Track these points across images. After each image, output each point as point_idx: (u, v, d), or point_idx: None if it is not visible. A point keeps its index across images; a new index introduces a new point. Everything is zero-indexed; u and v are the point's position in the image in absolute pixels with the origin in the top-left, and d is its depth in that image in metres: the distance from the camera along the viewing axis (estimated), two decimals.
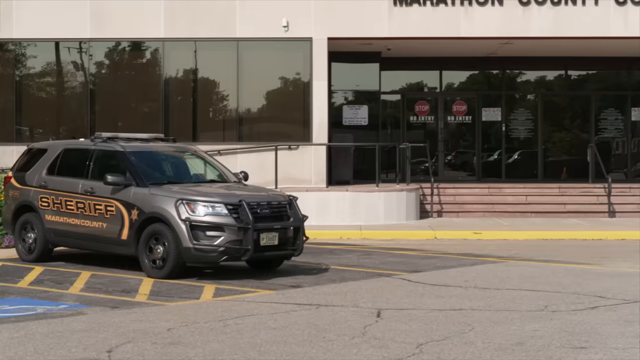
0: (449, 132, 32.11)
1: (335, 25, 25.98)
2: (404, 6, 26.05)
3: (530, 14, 26.10)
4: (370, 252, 19.28)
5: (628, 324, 11.42)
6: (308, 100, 26.22)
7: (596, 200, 27.16)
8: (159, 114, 26.44)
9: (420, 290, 14.05)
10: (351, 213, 24.57)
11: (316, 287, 14.42)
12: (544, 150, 31.70)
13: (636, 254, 19.24)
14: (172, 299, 13.32)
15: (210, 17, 26.00)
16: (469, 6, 26.08)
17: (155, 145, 17.52)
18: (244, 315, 11.91)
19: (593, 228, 23.72)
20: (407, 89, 32.05)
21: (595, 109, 31.63)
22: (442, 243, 21.50)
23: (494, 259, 18.23)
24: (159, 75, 26.63)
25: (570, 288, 14.19)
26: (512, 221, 25.41)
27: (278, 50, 26.43)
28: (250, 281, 14.97)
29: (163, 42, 26.30)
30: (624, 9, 26.07)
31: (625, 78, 32.02)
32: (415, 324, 11.34)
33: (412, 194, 25.87)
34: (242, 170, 17.95)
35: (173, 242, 15.02)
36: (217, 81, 26.98)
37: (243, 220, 15.07)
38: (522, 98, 32.58)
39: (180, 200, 15.16)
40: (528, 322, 11.51)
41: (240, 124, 26.54)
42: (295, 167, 25.84)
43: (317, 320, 11.56)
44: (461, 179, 31.22)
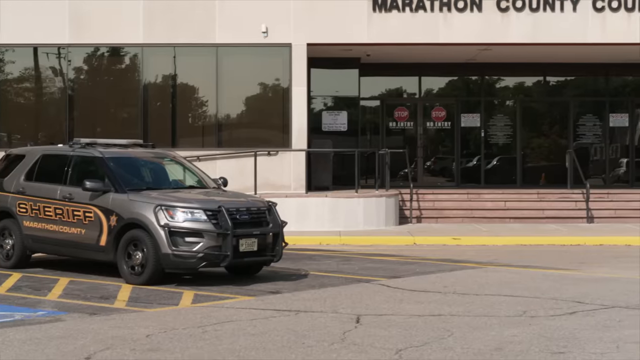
0: (428, 138, 32.16)
1: (314, 31, 25.99)
2: (383, 12, 26.09)
3: (508, 20, 26.19)
4: (349, 258, 19.28)
5: (606, 329, 11.46)
6: (287, 106, 26.22)
7: (574, 205, 27.25)
8: (138, 119, 26.37)
9: (399, 296, 14.05)
10: (330, 219, 24.57)
11: (295, 293, 14.41)
12: (523, 156, 31.79)
13: (614, 260, 19.33)
14: (151, 305, 13.27)
15: (189, 22, 25.96)
16: (448, 12, 26.13)
17: (134, 151, 17.48)
18: (223, 321, 11.89)
19: (571, 234, 23.80)
20: (386, 94, 32.09)
21: (573, 115, 31.75)
22: (421, 249, 21.52)
23: (473, 264, 18.26)
24: (137, 80, 26.57)
25: (548, 293, 14.23)
26: (491, 227, 25.47)
27: (257, 56, 26.41)
28: (229, 287, 14.95)
29: (142, 48, 26.24)
30: (602, 15, 26.19)
31: (603, 84, 32.16)
32: (394, 330, 11.34)
33: (392, 200, 25.90)
34: (221, 176, 17.93)
35: (152, 248, 14.97)
36: (196, 87, 26.94)
37: (222, 226, 15.04)
38: (501, 104, 32.67)
39: (159, 206, 15.13)
40: (507, 327, 11.53)
41: (219, 130, 26.50)
42: (275, 173, 25.82)
43: (296, 326, 11.55)
44: (440, 184, 31.26)
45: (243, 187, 23.41)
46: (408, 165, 29.28)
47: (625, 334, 11.17)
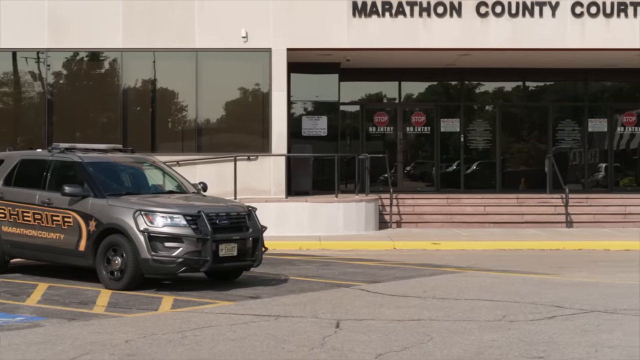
0: (408, 142, 32.21)
1: (294, 36, 26.00)
2: (363, 17, 26.12)
3: (488, 26, 26.27)
4: (329, 263, 19.28)
5: (585, 333, 11.50)
6: (267, 111, 26.21)
7: (554, 210, 27.34)
8: (118, 124, 26.31)
9: (379, 301, 14.06)
10: (310, 224, 24.56)
11: (275, 298, 14.40)
12: (502, 161, 31.88)
13: (593, 264, 19.40)
14: (130, 310, 13.24)
15: (168, 27, 25.93)
16: (428, 17, 26.20)
17: (114, 156, 17.44)
18: (203, 326, 11.87)
19: (550, 238, 23.88)
20: (366, 99, 32.12)
21: (552, 120, 31.86)
22: (401, 253, 21.54)
23: (452, 269, 18.29)
24: (117, 85, 26.51)
25: (528, 298, 14.26)
26: (471, 231, 25.52)
27: (237, 61, 26.40)
28: (209, 292, 14.92)
29: (121, 53, 26.19)
30: (581, 21, 26.31)
31: (582, 89, 32.30)
32: (374, 335, 11.35)
33: (371, 205, 25.92)
34: (201, 181, 17.91)
35: (131, 253, 14.94)
36: (176, 91, 26.91)
37: (202, 231, 15.02)
38: (480, 109, 32.76)
39: (138, 211, 15.09)
40: (486, 332, 11.55)
41: (199, 135, 26.47)
42: (255, 177, 25.80)
43: (276, 331, 11.54)
44: (420, 189, 31.31)
45: (223, 192, 23.39)
46: (388, 170, 29.29)
47: (603, 338, 11.21)
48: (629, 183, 32.02)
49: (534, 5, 26.26)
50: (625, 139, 32.40)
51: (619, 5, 26.32)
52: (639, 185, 31.73)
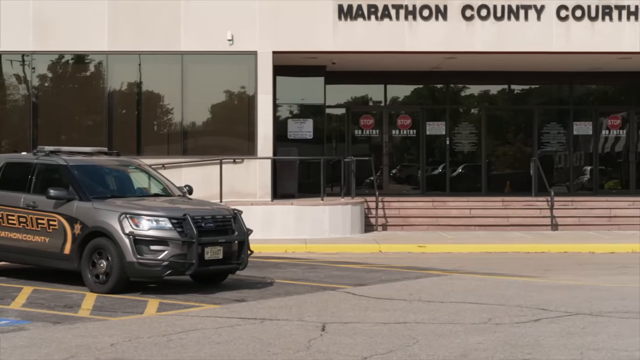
0: (394, 145, 32.23)
1: (280, 38, 26.00)
2: (349, 20, 26.14)
3: (473, 29, 26.31)
4: (315, 266, 19.27)
5: (570, 336, 11.52)
6: (253, 114, 26.20)
7: (539, 213, 27.40)
8: (103, 127, 26.26)
9: (364, 304, 14.06)
10: (296, 227, 24.56)
11: (261, 301, 14.38)
12: (488, 164, 31.93)
13: (578, 267, 19.46)
14: (116, 313, 13.20)
15: (154, 30, 25.89)
16: (414, 21, 26.23)
17: (99, 159, 17.40)
18: (188, 329, 11.85)
19: (536, 241, 23.93)
20: (352, 102, 32.13)
21: (538, 123, 31.93)
22: (387, 256, 21.55)
23: (438, 272, 18.30)
24: (102, 88, 26.46)
25: (513, 301, 14.29)
26: (456, 234, 25.55)
27: (223, 64, 26.39)
28: (194, 295, 14.90)
29: (107, 55, 26.14)
30: (566, 24, 26.38)
31: (567, 92, 32.38)
32: (359, 338, 11.35)
33: (357, 208, 25.93)
34: (187, 184, 17.88)
35: (116, 257, 14.91)
36: (162, 94, 26.86)
37: (187, 234, 15.00)
38: (466, 112, 32.81)
39: (123, 214, 15.07)
40: (472, 334, 11.57)
41: (184, 138, 26.43)
42: (240, 180, 25.78)
43: (261, 335, 11.53)
44: (406, 192, 31.33)
45: (208, 195, 23.36)
46: (374, 173, 29.32)
47: (588, 340, 11.24)
48: (613, 186, 32.12)
49: (519, 9, 26.32)
50: (610, 142, 32.50)
51: (604, 9, 26.41)
52: (623, 189, 31.82)
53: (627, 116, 32.20)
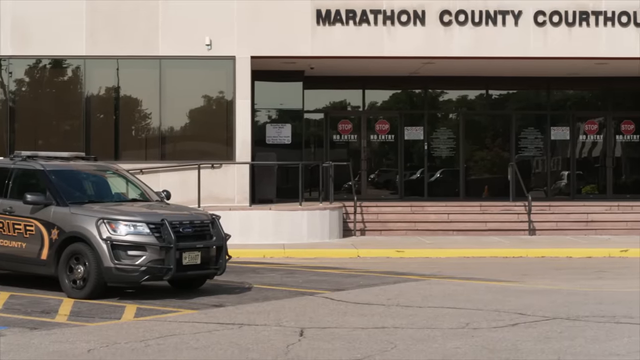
0: (372, 150, 32.26)
1: (258, 43, 25.99)
2: (327, 25, 26.15)
3: (451, 34, 26.38)
4: (293, 271, 19.26)
5: (547, 340, 11.56)
6: (231, 119, 26.17)
7: (517, 218, 27.47)
8: (80, 132, 26.17)
9: (343, 309, 14.07)
10: (274, 232, 24.53)
11: (239, 306, 14.37)
12: (466, 169, 32.01)
13: (555, 271, 19.52)
14: (93, 319, 13.16)
15: (132, 35, 25.83)
16: (392, 26, 26.27)
17: (76, 163, 17.33)
18: (166, 335, 11.82)
19: (514, 246, 23.99)
20: (330, 107, 32.14)
21: (515, 128, 32.03)
22: (365, 261, 21.56)
23: (416, 277, 18.33)
24: (80, 93, 26.37)
25: (491, 305, 14.32)
26: (435, 239, 25.58)
27: (201, 69, 26.35)
28: (172, 301, 14.86)
29: (85, 60, 26.06)
30: (543, 29, 26.48)
31: (544, 98, 32.49)
32: (338, 343, 11.35)
33: (335, 213, 25.93)
34: (165, 189, 17.85)
35: (94, 262, 14.86)
36: (140, 99, 26.79)
37: (165, 239, 14.97)
38: (444, 117, 32.88)
39: (101, 219, 15.02)
40: (450, 339, 11.59)
41: (162, 143, 26.37)
42: (219, 185, 25.75)
43: (239, 340, 11.51)
44: (384, 197, 31.36)
45: (186, 200, 23.32)
46: (352, 178, 29.34)
47: (565, 344, 11.28)
48: (591, 191, 32.25)
49: (497, 14, 26.40)
50: (587, 147, 32.64)
51: (581, 15, 26.52)
52: (600, 193, 31.94)
53: (604, 121, 32.35)
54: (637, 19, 26.50)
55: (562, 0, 26.48)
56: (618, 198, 30.40)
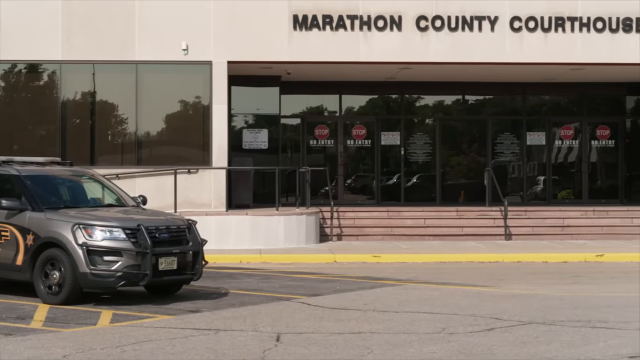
0: (349, 155, 32.28)
1: (235, 48, 25.96)
2: (303, 30, 26.16)
3: (428, 40, 26.44)
4: (270, 276, 19.25)
5: (523, 345, 11.59)
6: (208, 124, 26.13)
7: (493, 223, 27.54)
8: (56, 137, 26.06)
9: (319, 314, 14.06)
10: (251, 237, 24.51)
11: (215, 311, 14.34)
12: (442, 174, 32.07)
13: (531, 276, 19.58)
14: (69, 325, 13.10)
15: (108, 39, 25.75)
16: (368, 31, 26.30)
17: (52, 169, 17.26)
18: (142, 340, 11.78)
19: (490, 251, 24.05)
20: (307, 112, 32.15)
21: (492, 133, 32.13)
22: (342, 266, 21.56)
23: (392, 282, 18.34)
24: (56, 97, 26.27)
25: (467, 310, 14.35)
26: (411, 244, 25.62)
27: (178, 74, 26.30)
28: (148, 306, 14.82)
29: (60, 65, 25.96)
30: (519, 35, 26.58)
31: (520, 103, 32.60)
32: (314, 348, 11.34)
33: (312, 218, 25.93)
34: (141, 195, 17.79)
35: (69, 268, 14.80)
36: (116, 104, 26.70)
37: (141, 244, 14.92)
38: (420, 122, 32.93)
39: (77, 224, 14.97)
40: (426, 344, 11.60)
41: (139, 148, 26.30)
42: (195, 191, 25.69)
43: (216, 345, 11.48)
44: (361, 202, 31.38)
45: (163, 205, 23.25)
46: (329, 183, 29.36)
47: (542, 349, 11.31)
48: (566, 196, 32.38)
49: (473, 20, 26.48)
50: (563, 152, 32.78)
51: (557, 20, 26.64)
52: (576, 198, 32.08)
53: (579, 126, 32.50)
54: (612, 24, 26.66)
55: (538, 6, 26.60)
56: (593, 203, 30.56)
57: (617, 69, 28.03)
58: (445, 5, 26.41)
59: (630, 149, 32.14)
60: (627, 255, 23.16)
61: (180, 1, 25.87)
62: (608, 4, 26.66)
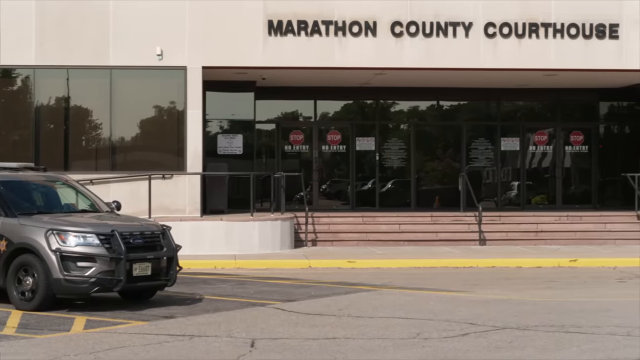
0: (324, 161, 32.29)
1: (210, 54, 25.94)
2: (278, 36, 26.16)
3: (402, 45, 26.49)
4: (244, 282, 19.22)
5: (497, 350, 11.62)
6: (182, 129, 26.08)
7: (467, 228, 27.61)
8: (30, 142, 25.93)
9: (294, 320, 14.05)
10: (226, 242, 24.47)
11: (190, 317, 14.30)
12: (417, 180, 32.13)
13: (505, 281, 19.64)
14: (42, 331, 13.03)
15: (82, 44, 25.65)
16: (343, 37, 26.34)
17: (25, 174, 17.18)
18: (116, 347, 11.73)
19: (464, 256, 24.11)
20: (282, 118, 32.14)
21: (466, 139, 32.22)
22: (316, 272, 21.56)
23: (367, 287, 18.36)
24: (30, 103, 26.15)
25: (441, 315, 14.38)
26: (386, 250, 25.65)
27: (152, 79, 26.24)
28: (122, 312, 14.76)
29: (34, 70, 25.85)
30: (493, 41, 26.68)
31: (494, 109, 32.72)
32: (289, 354, 11.33)
33: (287, 223, 25.92)
34: (115, 200, 17.72)
35: (43, 273, 14.73)
36: (90, 109, 26.60)
37: (115, 250, 14.88)
38: (395, 128, 33.00)
39: (50, 230, 14.90)
40: (400, 349, 11.61)
41: (113, 153, 26.21)
42: (170, 196, 25.62)
43: (190, 351, 11.46)
44: (335, 208, 31.39)
45: (137, 210, 23.18)
46: (304, 189, 29.36)
47: (516, 354, 11.34)
48: (540, 201, 32.50)
49: (447, 26, 26.55)
50: (537, 157, 32.91)
51: (531, 26, 26.76)
52: (550, 204, 32.20)
53: (553, 132, 32.65)
54: (585, 31, 26.81)
55: (512, 12, 26.72)
56: (567, 208, 30.68)
57: (590, 75, 28.20)
58: (419, 11, 26.48)
59: (603, 155, 32.30)
60: (600, 261, 23.28)
61: (154, 4, 25.80)
62: (582, 10, 26.80)
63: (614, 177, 31.70)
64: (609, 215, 28.80)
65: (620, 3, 27.00)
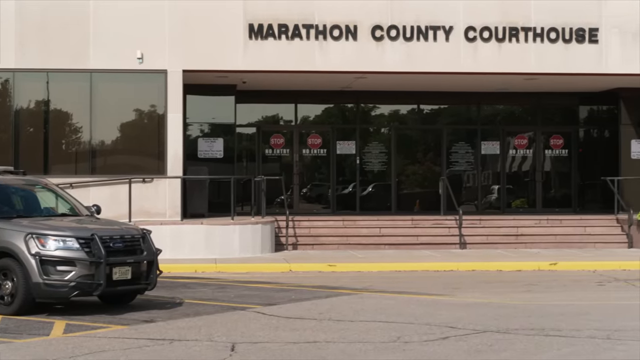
0: (305, 165, 32.28)
1: (190, 57, 25.90)
2: (259, 39, 26.16)
3: (383, 49, 26.53)
4: (225, 286, 19.19)
5: (478, 353, 11.64)
6: (163, 133, 26.03)
7: (448, 232, 27.65)
8: (9, 146, 25.83)
9: (274, 323, 14.03)
10: (206, 246, 24.43)
11: (170, 321, 14.27)
12: (398, 183, 32.16)
13: (485, 285, 19.67)
14: (21, 335, 12.97)
15: (62, 47, 25.57)
16: (324, 40, 26.36)
17: (4, 178, 17.09)
18: (95, 351, 11.69)
19: (445, 259, 24.14)
20: (262, 121, 32.12)
21: (447, 143, 32.27)
22: (297, 276, 21.55)
23: (348, 291, 18.36)
24: (9, 106, 26.05)
25: (422, 319, 14.39)
26: (367, 253, 25.65)
27: (132, 82, 26.17)
28: (102, 316, 14.72)
29: (13, 73, 25.75)
30: (474, 45, 26.75)
31: (475, 112, 32.80)
32: (269, 357, 11.31)
33: (268, 227, 25.89)
34: (95, 204, 17.66)
35: (22, 278, 14.67)
36: (70, 113, 26.51)
37: (95, 254, 14.83)
38: (376, 131, 33.02)
39: (29, 234, 14.84)
40: (381, 353, 11.61)
41: (93, 157, 26.14)
42: (150, 200, 25.56)
43: (170, 355, 11.43)
44: (316, 211, 31.37)
45: (117, 214, 23.12)
46: (284, 192, 29.33)
47: (496, 357, 11.36)
48: (520, 205, 32.58)
49: (428, 30, 26.61)
50: (517, 161, 33.00)
51: (511, 31, 26.85)
52: (530, 207, 32.27)
53: (533, 136, 32.73)
54: (565, 35, 26.92)
55: (492, 16, 26.80)
56: (547, 212, 30.76)
57: (570, 79, 28.30)
58: (400, 15, 26.53)
59: (583, 159, 32.41)
60: (580, 264, 23.35)
61: (134, 4, 25.74)
62: (562, 14, 26.92)
63: (593, 181, 31.82)
64: (589, 218, 28.92)
65: (599, 8, 27.12)
